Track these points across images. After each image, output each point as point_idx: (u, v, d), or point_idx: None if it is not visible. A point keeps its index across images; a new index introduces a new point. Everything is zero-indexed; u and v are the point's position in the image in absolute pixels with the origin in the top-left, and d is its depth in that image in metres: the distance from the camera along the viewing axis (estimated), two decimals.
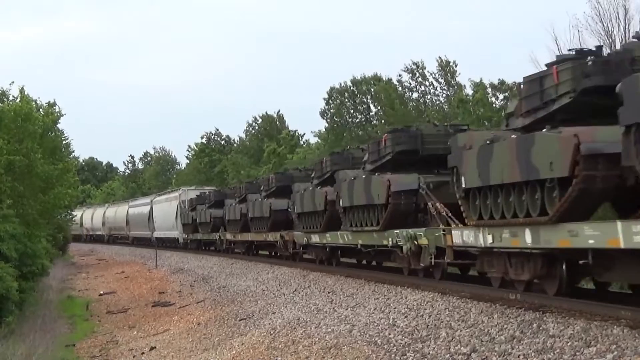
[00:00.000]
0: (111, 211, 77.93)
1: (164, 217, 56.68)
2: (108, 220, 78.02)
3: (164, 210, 57.27)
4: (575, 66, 11.50)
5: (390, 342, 12.59)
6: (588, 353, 9.28)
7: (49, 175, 32.80)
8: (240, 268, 32.65)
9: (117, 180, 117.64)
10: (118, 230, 74.28)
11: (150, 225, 60.19)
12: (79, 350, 22.43)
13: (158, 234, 57.79)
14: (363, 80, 64.60)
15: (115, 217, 74.70)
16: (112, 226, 76.65)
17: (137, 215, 66.54)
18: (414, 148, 19.01)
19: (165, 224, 56.80)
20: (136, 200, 72.98)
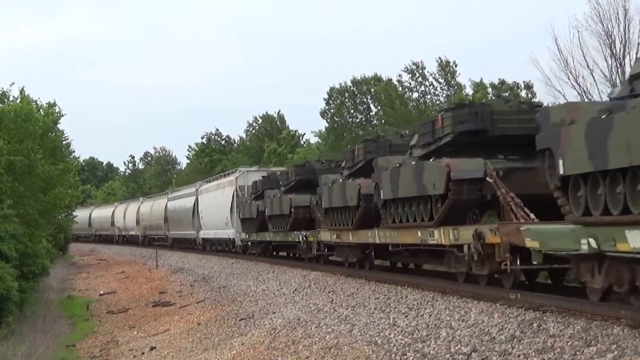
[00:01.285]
0: (146, 207, 65.02)
1: (215, 210, 42.81)
2: (143, 218, 65.05)
3: (214, 202, 43.44)
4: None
5: (391, 342, 12.59)
6: (588, 353, 9.28)
7: (49, 176, 32.84)
8: (240, 268, 32.65)
9: (118, 180, 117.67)
10: (155, 229, 61.33)
11: (196, 222, 47.77)
12: (79, 351, 22.44)
13: (206, 234, 45.90)
14: (363, 80, 64.64)
15: (152, 213, 61.83)
16: (147, 225, 63.91)
17: (177, 211, 53.52)
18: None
19: (215, 220, 42.97)
20: (177, 191, 59.84)
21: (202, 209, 46.20)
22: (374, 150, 21.13)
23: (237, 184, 39.14)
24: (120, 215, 73.39)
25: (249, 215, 30.66)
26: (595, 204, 10.46)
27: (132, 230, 69.07)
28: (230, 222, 39.18)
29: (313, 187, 25.76)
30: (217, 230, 42.60)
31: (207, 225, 45.09)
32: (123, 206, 74.48)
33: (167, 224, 56.85)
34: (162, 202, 59.48)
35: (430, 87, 58.41)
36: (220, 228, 41.78)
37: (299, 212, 27.06)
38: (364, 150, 21.59)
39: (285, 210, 28.09)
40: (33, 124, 31.72)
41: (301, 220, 27.04)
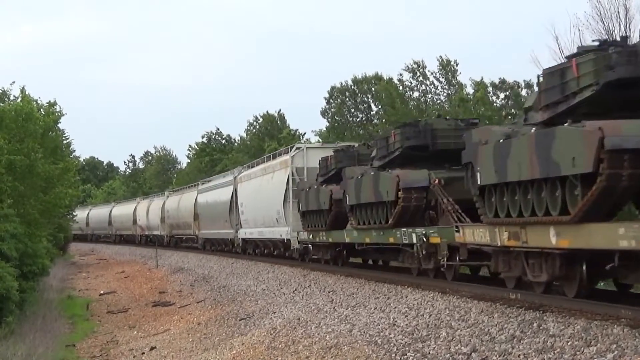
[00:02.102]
0: (172, 202, 55.64)
1: (260, 202, 32.94)
2: (168, 215, 55.36)
3: (259, 191, 33.57)
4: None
5: (391, 342, 12.57)
6: (588, 352, 9.27)
7: (49, 175, 32.82)
8: (240, 267, 32.64)
9: (118, 179, 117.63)
10: (182, 228, 52.20)
11: (234, 218, 38.17)
12: (79, 350, 22.44)
13: (248, 234, 35.91)
14: (364, 79, 64.58)
15: (179, 209, 52.29)
16: (174, 223, 54.55)
17: (210, 205, 43.93)
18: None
19: (260, 215, 33.07)
20: (210, 181, 49.25)
21: (242, 201, 36.59)
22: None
23: (293, 165, 28.99)
24: (142, 213, 63.83)
25: (315, 206, 24.35)
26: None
27: (156, 230, 59.69)
28: (283, 217, 29.39)
29: (431, 160, 18.51)
30: (263, 229, 32.74)
31: (249, 222, 35.42)
32: (146, 202, 65.42)
33: (197, 222, 47.21)
34: (190, 196, 49.80)
35: (431, 86, 58.35)
36: (268, 225, 31.77)
37: (411, 197, 18.05)
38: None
39: (385, 195, 18.93)
40: (33, 123, 31.70)
41: (414, 210, 18.28)
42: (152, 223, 60.84)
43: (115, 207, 77.60)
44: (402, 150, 18.69)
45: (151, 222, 61.10)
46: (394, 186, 17.93)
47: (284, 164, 30.33)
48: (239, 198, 37.35)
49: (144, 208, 64.08)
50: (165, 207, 56.63)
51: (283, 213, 29.67)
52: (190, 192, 52.38)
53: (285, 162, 30.30)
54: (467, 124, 18.29)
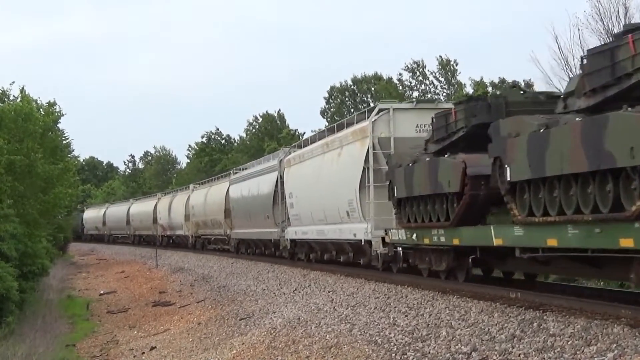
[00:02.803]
0: (199, 196, 47.71)
1: (323, 189, 24.49)
2: (194, 212, 47.86)
3: (320, 174, 25.07)
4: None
5: (391, 342, 12.57)
6: (588, 352, 9.27)
7: (49, 175, 32.84)
8: (240, 267, 32.62)
9: (118, 179, 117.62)
10: (210, 227, 44.59)
11: (278, 214, 30.34)
12: (79, 350, 22.46)
13: (301, 233, 27.53)
14: (363, 79, 64.75)
15: (206, 205, 45.01)
16: (200, 221, 46.76)
17: (246, 199, 35.71)
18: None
19: (321, 207, 24.91)
20: (246, 169, 40.22)
21: (291, 191, 28.26)
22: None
23: (374, 134, 20.55)
24: (164, 210, 55.86)
25: (428, 189, 16.17)
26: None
27: (179, 229, 52.35)
28: (359, 209, 21.10)
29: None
30: (324, 227, 24.44)
31: (301, 219, 27.17)
32: (168, 198, 57.65)
33: (228, 219, 39.63)
34: (220, 189, 42.41)
35: (430, 86, 58.50)
36: (332, 222, 23.54)
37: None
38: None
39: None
40: (33, 123, 31.72)
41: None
42: (174, 222, 53.20)
43: (134, 205, 69.90)
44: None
45: (174, 221, 53.39)
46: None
47: (360, 133, 21.22)
48: (286, 187, 29.05)
49: (165, 205, 56.20)
50: (190, 203, 48.54)
51: (358, 204, 20.98)
52: (220, 183, 44.21)
53: (362, 131, 21.14)
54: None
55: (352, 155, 21.88)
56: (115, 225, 75.55)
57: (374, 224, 20.25)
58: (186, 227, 50.09)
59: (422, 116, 20.08)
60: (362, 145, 21.02)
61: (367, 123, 20.94)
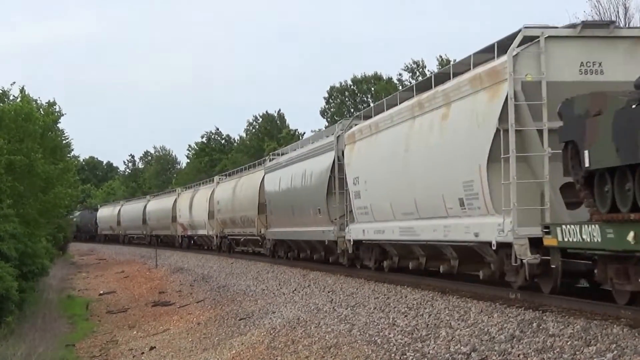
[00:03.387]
0: (225, 189, 40.65)
1: (418, 166, 17.12)
2: (219, 208, 40.66)
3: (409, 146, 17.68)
4: None
5: (390, 342, 12.57)
6: (588, 352, 9.26)
7: (49, 175, 32.81)
8: (240, 267, 32.61)
9: (117, 179, 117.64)
10: (240, 226, 37.43)
11: (334, 207, 23.69)
12: (79, 350, 22.45)
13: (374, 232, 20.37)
14: (363, 79, 64.79)
15: (234, 199, 37.88)
16: (227, 218, 39.36)
17: (288, 188, 29.14)
18: None
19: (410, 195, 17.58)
20: (285, 153, 33.14)
21: (358, 174, 21.41)
22: None
23: (515, 76, 13.51)
24: (184, 207, 49.45)
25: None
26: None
27: (201, 229, 45.37)
28: (485, 195, 14.42)
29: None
30: (416, 222, 17.53)
31: (374, 212, 20.32)
32: (189, 193, 50.68)
33: (263, 215, 32.97)
34: (253, 179, 35.74)
35: None
36: (431, 215, 16.74)
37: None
38: None
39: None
40: (33, 123, 31.70)
41: None
42: (196, 220, 46.29)
43: (151, 202, 63.67)
44: None
45: (196, 219, 46.34)
46: None
47: (488, 78, 14.49)
48: (348, 171, 22.20)
49: (186, 201, 49.56)
50: (215, 198, 41.67)
51: (485, 187, 14.20)
52: (252, 173, 37.24)
53: (491, 73, 14.42)
54: None
55: (473, 114, 14.60)
56: (131, 225, 68.62)
57: (517, 217, 13.12)
58: (210, 225, 42.77)
59: (590, 49, 13.55)
60: (493, 96, 14.00)
61: (502, 60, 13.76)
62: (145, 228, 62.31)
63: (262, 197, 33.31)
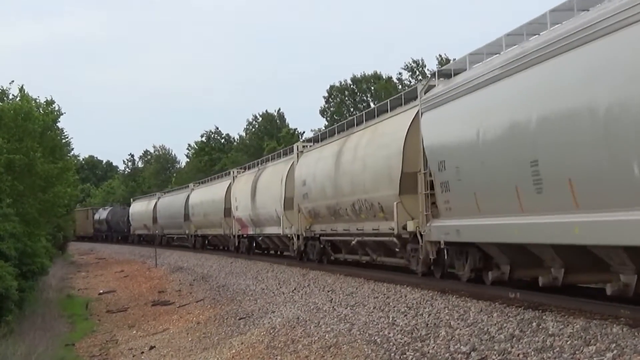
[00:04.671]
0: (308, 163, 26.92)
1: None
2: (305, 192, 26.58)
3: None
4: None
5: (390, 341, 12.57)
6: (588, 352, 9.26)
7: (48, 174, 32.83)
8: (239, 267, 32.60)
9: (117, 179, 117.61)
10: (336, 219, 23.96)
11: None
12: (78, 350, 22.46)
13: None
14: (363, 78, 64.77)
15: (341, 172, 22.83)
16: (313, 208, 25.98)
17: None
18: None
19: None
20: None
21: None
22: None
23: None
24: (243, 196, 35.70)
25: None
26: None
27: (270, 225, 32.11)
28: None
29: None
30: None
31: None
32: (250, 175, 36.30)
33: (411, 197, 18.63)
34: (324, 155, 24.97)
35: None
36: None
37: None
38: None
39: None
40: (32, 122, 31.70)
41: None
42: (262, 212, 32.63)
43: (195, 191, 49.73)
44: None
45: (261, 211, 32.68)
46: None
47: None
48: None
49: (244, 187, 35.60)
50: (297, 176, 27.43)
51: None
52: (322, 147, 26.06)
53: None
54: None
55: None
56: (170, 223, 55.42)
57: None
58: (285, 221, 28.81)
59: None
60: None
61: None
62: (188, 226, 49.39)
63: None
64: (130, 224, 70.42)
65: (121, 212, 76.11)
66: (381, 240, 20.25)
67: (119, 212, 76.84)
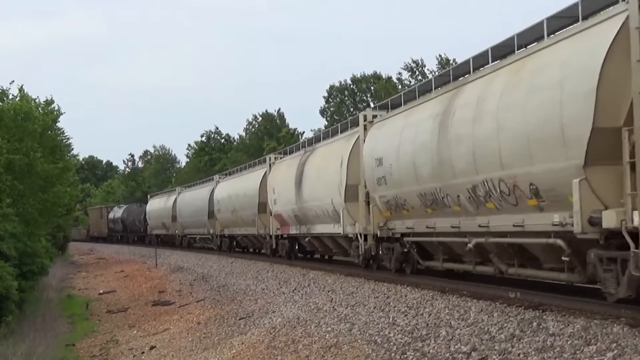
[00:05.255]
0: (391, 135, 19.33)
1: None
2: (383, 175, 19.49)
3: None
4: None
5: (390, 341, 12.57)
6: (588, 351, 9.27)
7: (48, 174, 32.78)
8: (240, 267, 32.59)
9: (117, 179, 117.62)
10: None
11: None
12: (79, 350, 22.45)
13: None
14: (363, 78, 64.77)
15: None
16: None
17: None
18: None
19: None
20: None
21: None
22: None
23: None
24: (286, 184, 28.99)
25: None
26: None
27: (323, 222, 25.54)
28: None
29: None
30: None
31: None
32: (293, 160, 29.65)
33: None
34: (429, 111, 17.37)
35: None
36: None
37: None
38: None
39: None
40: (32, 122, 31.66)
41: None
42: (311, 206, 26.12)
43: (221, 184, 42.54)
44: None
45: (310, 205, 26.17)
46: None
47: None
48: None
49: (286, 174, 29.08)
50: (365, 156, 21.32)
51: None
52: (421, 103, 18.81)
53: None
54: None
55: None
56: (191, 221, 48.93)
57: None
58: (348, 216, 22.72)
59: None
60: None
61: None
62: (213, 225, 42.53)
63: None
64: (147, 223, 63.74)
65: (137, 210, 70.28)
66: (532, 242, 13.59)
67: (135, 211, 71.31)
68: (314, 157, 26.65)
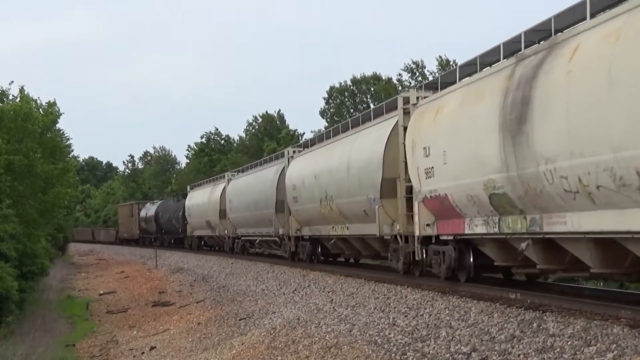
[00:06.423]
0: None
1: None
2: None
3: None
4: None
5: (391, 342, 12.57)
6: (588, 352, 9.27)
7: (48, 175, 32.80)
8: (240, 267, 32.59)
9: (117, 180, 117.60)
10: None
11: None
12: (79, 350, 22.45)
13: None
14: (363, 79, 64.76)
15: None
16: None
17: None
18: None
19: None
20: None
21: None
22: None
23: None
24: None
25: None
26: None
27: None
28: None
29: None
30: None
31: None
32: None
33: None
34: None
35: None
36: None
37: None
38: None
39: None
40: (32, 123, 31.67)
41: None
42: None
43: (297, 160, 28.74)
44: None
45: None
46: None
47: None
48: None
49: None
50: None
51: None
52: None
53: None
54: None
55: None
56: (249, 218, 35.13)
57: None
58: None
59: None
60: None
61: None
62: (283, 222, 29.87)
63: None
64: (187, 221, 50.34)
65: (174, 206, 55.34)
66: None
67: (171, 207, 56.53)
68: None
